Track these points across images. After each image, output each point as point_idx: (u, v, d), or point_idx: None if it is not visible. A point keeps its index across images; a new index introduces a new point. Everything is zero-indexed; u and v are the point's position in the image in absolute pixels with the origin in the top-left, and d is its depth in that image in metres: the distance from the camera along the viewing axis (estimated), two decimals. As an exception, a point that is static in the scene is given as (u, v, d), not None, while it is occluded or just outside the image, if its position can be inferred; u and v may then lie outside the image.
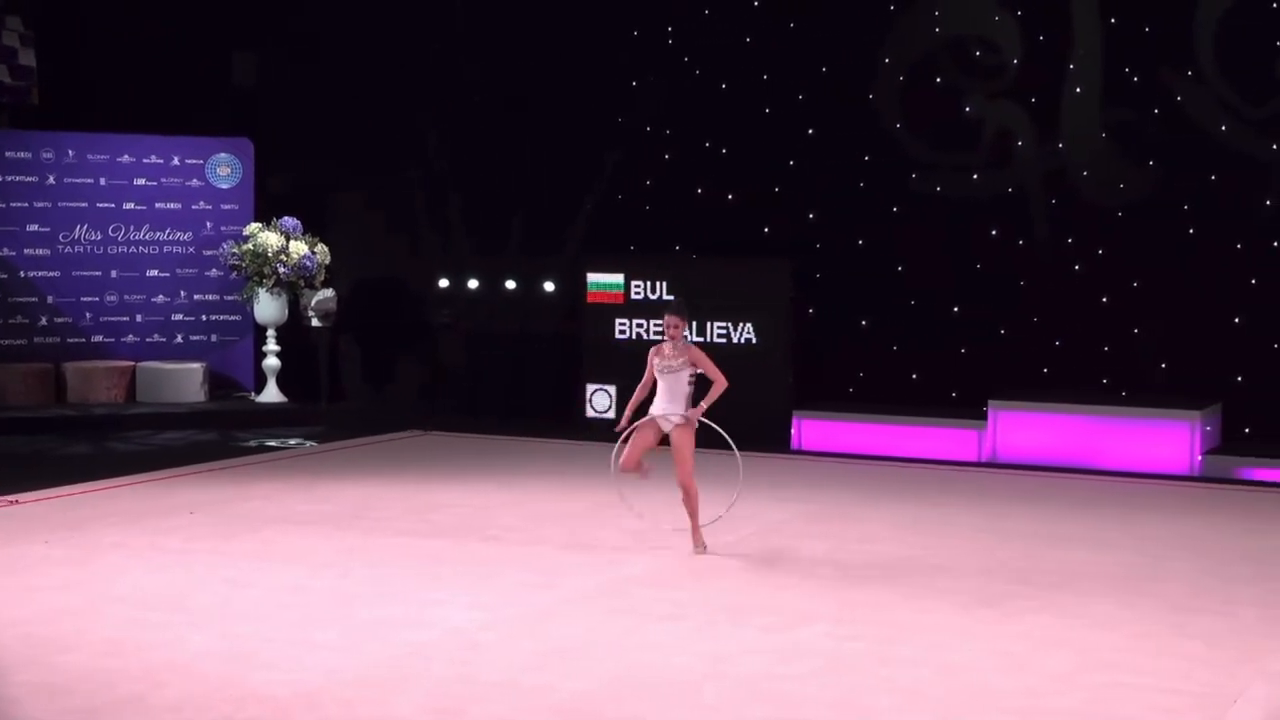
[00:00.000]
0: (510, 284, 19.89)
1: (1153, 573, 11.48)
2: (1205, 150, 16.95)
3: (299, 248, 19.23)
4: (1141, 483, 15.65)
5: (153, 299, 20.20)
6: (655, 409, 11.64)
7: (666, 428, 11.60)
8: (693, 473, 11.58)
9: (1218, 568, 11.67)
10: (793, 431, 17.55)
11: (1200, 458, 16.04)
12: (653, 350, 11.75)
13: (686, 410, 11.59)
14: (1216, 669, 8.97)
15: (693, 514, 11.77)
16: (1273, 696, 8.49)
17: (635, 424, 11.69)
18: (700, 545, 11.76)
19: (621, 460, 11.69)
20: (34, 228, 19.68)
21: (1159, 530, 13.14)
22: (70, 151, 19.87)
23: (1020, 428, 16.72)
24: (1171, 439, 16.13)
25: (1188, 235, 17.04)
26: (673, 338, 11.57)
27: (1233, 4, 16.78)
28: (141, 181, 20.13)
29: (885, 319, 18.30)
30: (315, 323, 19.50)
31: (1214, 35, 16.86)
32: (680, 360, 11.58)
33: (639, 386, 11.81)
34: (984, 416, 16.88)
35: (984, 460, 16.77)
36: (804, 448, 17.47)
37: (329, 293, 19.47)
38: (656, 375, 11.61)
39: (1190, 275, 16.95)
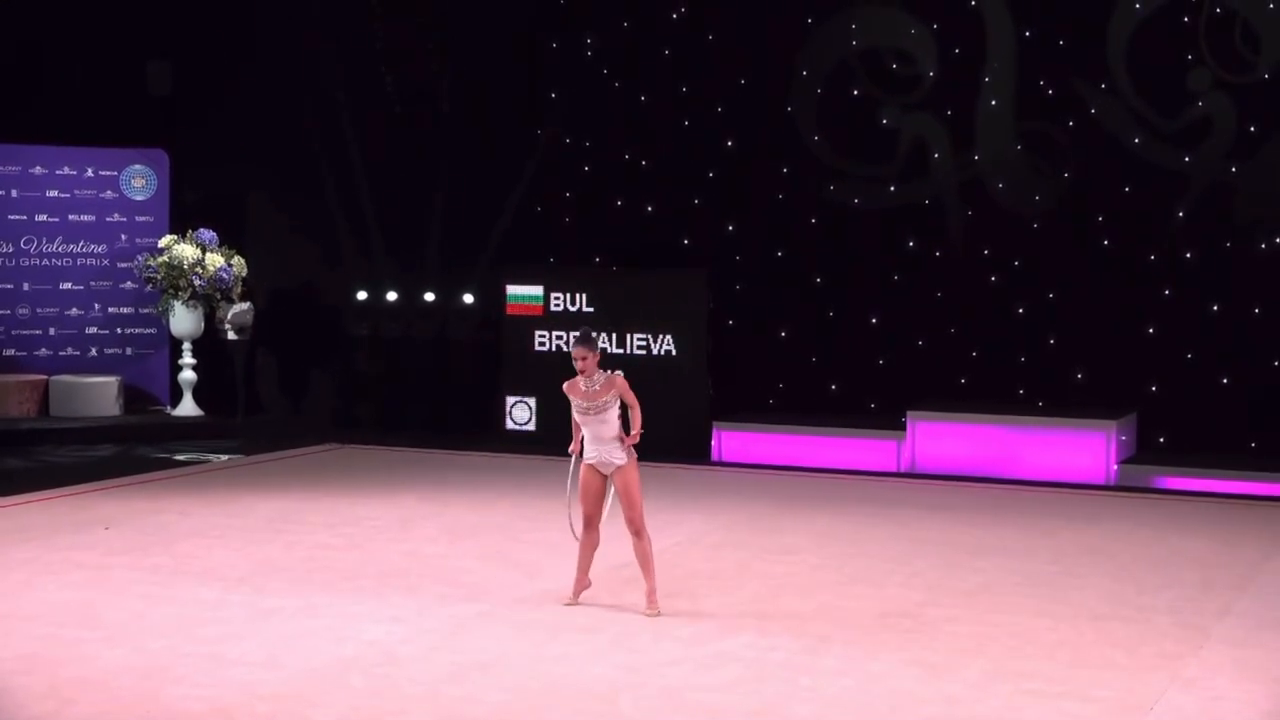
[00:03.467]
0: (429, 296, 19.80)
1: (1069, 581, 11.57)
2: (1119, 161, 17.12)
3: (215, 260, 19.08)
4: (1058, 492, 15.77)
5: (66, 312, 19.96)
6: (590, 456, 10.47)
7: (609, 470, 10.47)
8: (643, 513, 10.48)
9: (1133, 576, 11.78)
10: (712, 443, 17.57)
11: (1116, 467, 16.19)
12: (567, 387, 10.53)
13: (623, 443, 10.52)
14: (1132, 676, 9.06)
15: (649, 568, 10.44)
16: (1188, 703, 8.58)
17: (579, 467, 10.62)
18: (655, 607, 10.36)
19: (585, 517, 10.53)
20: (-56, 240, 19.47)
21: (1075, 539, 13.25)
22: (-19, 163, 19.65)
23: (938, 438, 16.81)
24: (1087, 448, 16.27)
25: (1102, 246, 17.22)
26: (584, 372, 10.38)
27: (1145, 17, 16.97)
28: (54, 193, 19.89)
29: (804, 330, 18.37)
30: (231, 335, 19.36)
31: (1127, 48, 17.05)
32: (604, 398, 10.42)
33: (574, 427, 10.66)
34: (902, 427, 16.97)
35: (903, 470, 16.85)
36: (724, 459, 17.49)
37: (246, 305, 19.34)
38: (579, 418, 10.49)
39: (1105, 285, 17.11)
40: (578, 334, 10.62)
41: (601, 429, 10.40)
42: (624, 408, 10.62)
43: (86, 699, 8.39)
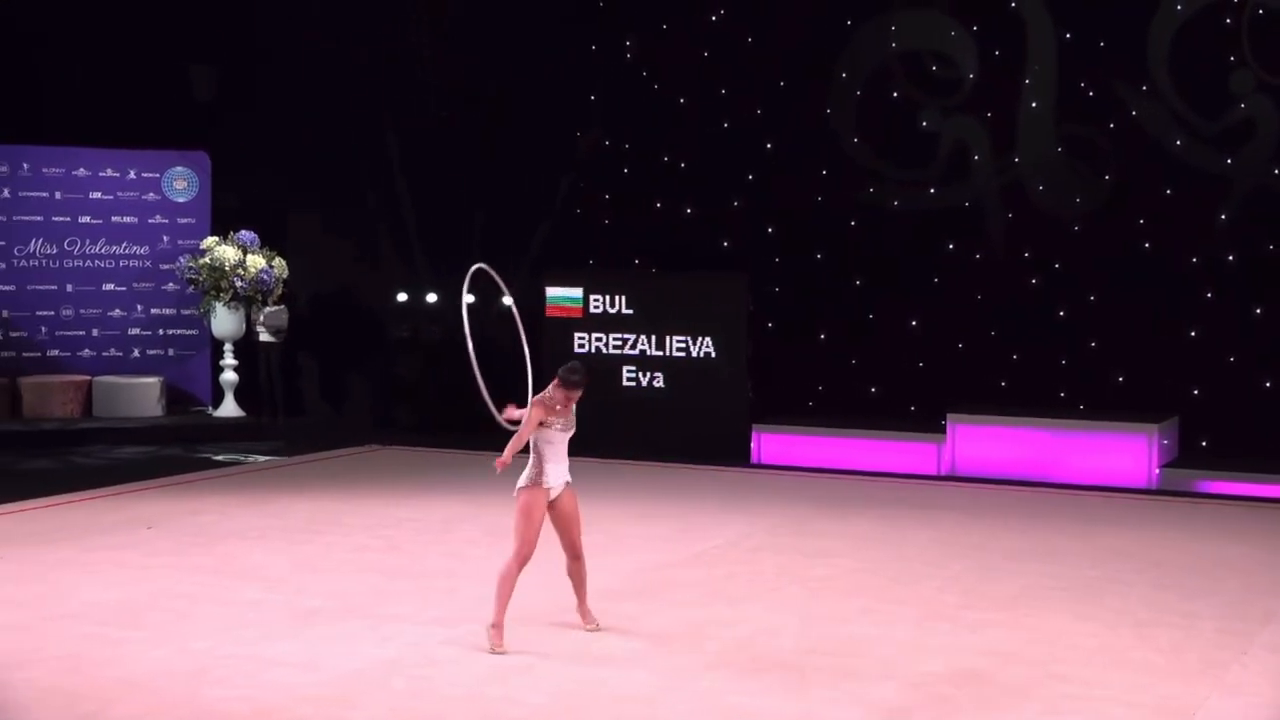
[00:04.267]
0: (469, 298, 19.79)
1: (1110, 586, 11.50)
2: (1160, 164, 17.04)
3: (256, 261, 19.16)
4: (1099, 496, 15.69)
5: (109, 313, 20.09)
6: (558, 479, 9.90)
7: (558, 491, 9.89)
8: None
9: (1176, 580, 11.70)
10: (752, 445, 17.54)
11: (1158, 471, 16.09)
12: (540, 406, 10.06)
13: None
14: (1175, 681, 9.00)
15: (584, 586, 10.06)
16: (1231, 708, 8.52)
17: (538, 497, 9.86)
18: (593, 621, 10.01)
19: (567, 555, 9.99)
20: (-12, 242, 19.61)
21: (1117, 543, 13.18)
22: (25, 165, 19.75)
23: (979, 441, 16.74)
24: (1129, 452, 16.17)
25: (1143, 249, 17.12)
26: (570, 401, 10.04)
27: (1187, 19, 16.87)
28: (97, 195, 20.03)
29: (843, 332, 18.33)
30: (266, 337, 19.43)
31: (1169, 50, 16.96)
32: (568, 419, 10.03)
33: (523, 434, 10.12)
34: (942, 430, 16.90)
35: (943, 474, 16.79)
36: (763, 461, 17.45)
37: (280, 307, 19.41)
38: (554, 435, 9.98)
39: (1146, 288, 17.01)
40: (574, 369, 10.23)
41: (565, 448, 9.97)
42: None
43: (129, 699, 8.43)
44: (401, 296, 20.03)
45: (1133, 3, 17.04)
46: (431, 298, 19.91)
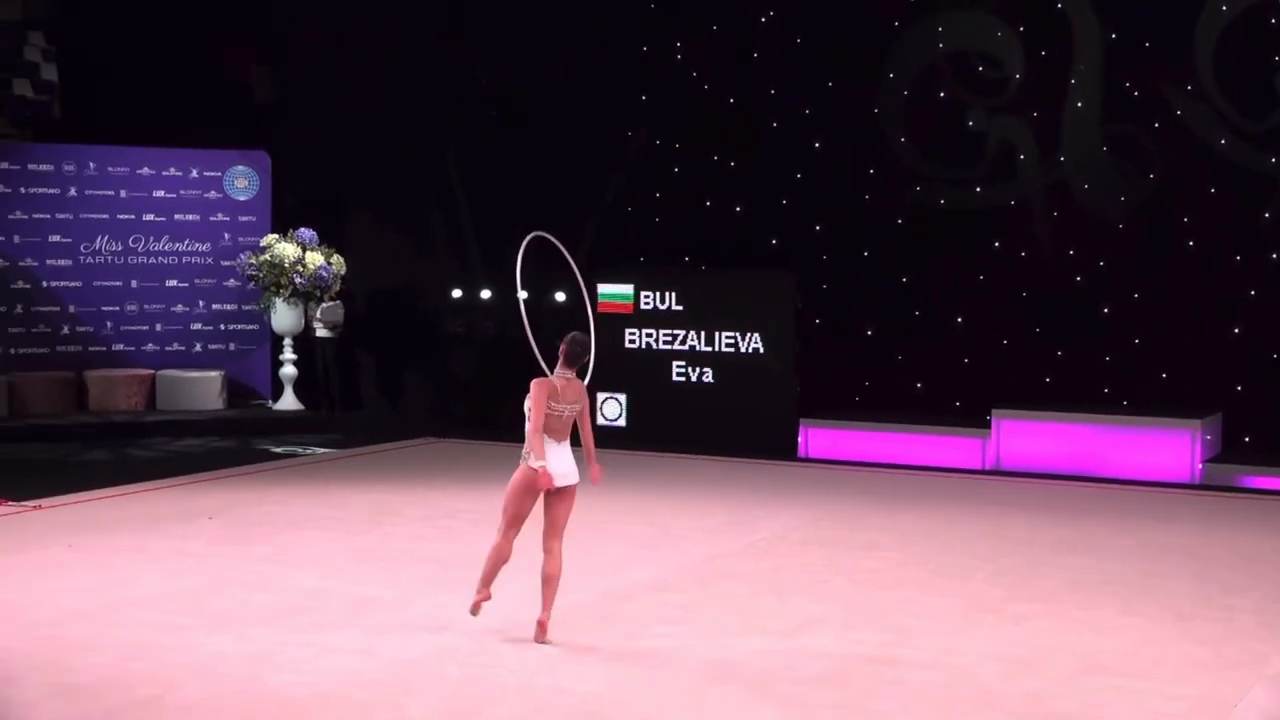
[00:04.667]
0: (523, 295, 19.86)
1: (1154, 579, 11.46)
2: (1204, 163, 16.93)
3: (315, 258, 19.26)
4: (1143, 490, 15.62)
5: (172, 308, 20.23)
6: (556, 465, 9.25)
7: (565, 483, 9.35)
8: None
9: (1218, 574, 11.65)
10: (799, 439, 17.54)
11: (1201, 466, 16.00)
12: (541, 386, 9.40)
13: (583, 464, 9.38)
14: (1217, 673, 8.96)
15: (551, 598, 9.32)
16: (1273, 701, 8.48)
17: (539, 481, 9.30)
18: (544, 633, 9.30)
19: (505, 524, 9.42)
20: (56, 239, 19.71)
21: (1160, 537, 13.12)
22: (91, 164, 19.90)
23: (1023, 436, 16.69)
24: (1172, 447, 16.09)
25: (1187, 247, 17.02)
26: (569, 373, 9.55)
27: (1232, 20, 16.76)
28: (161, 193, 20.16)
29: (890, 329, 18.29)
30: (322, 332, 19.54)
31: (1213, 50, 16.84)
32: (577, 401, 9.41)
33: (538, 428, 9.33)
34: (988, 425, 16.86)
35: (988, 468, 16.74)
36: (810, 455, 17.45)
37: (336, 302, 19.52)
38: (551, 421, 9.35)
39: (1190, 287, 16.92)
40: (579, 340, 9.76)
41: (564, 438, 9.39)
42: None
43: (191, 684, 8.50)
44: (456, 293, 20.11)
45: (1178, 3, 16.93)
46: (485, 294, 19.98)
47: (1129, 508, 14.61)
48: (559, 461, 9.28)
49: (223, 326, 20.44)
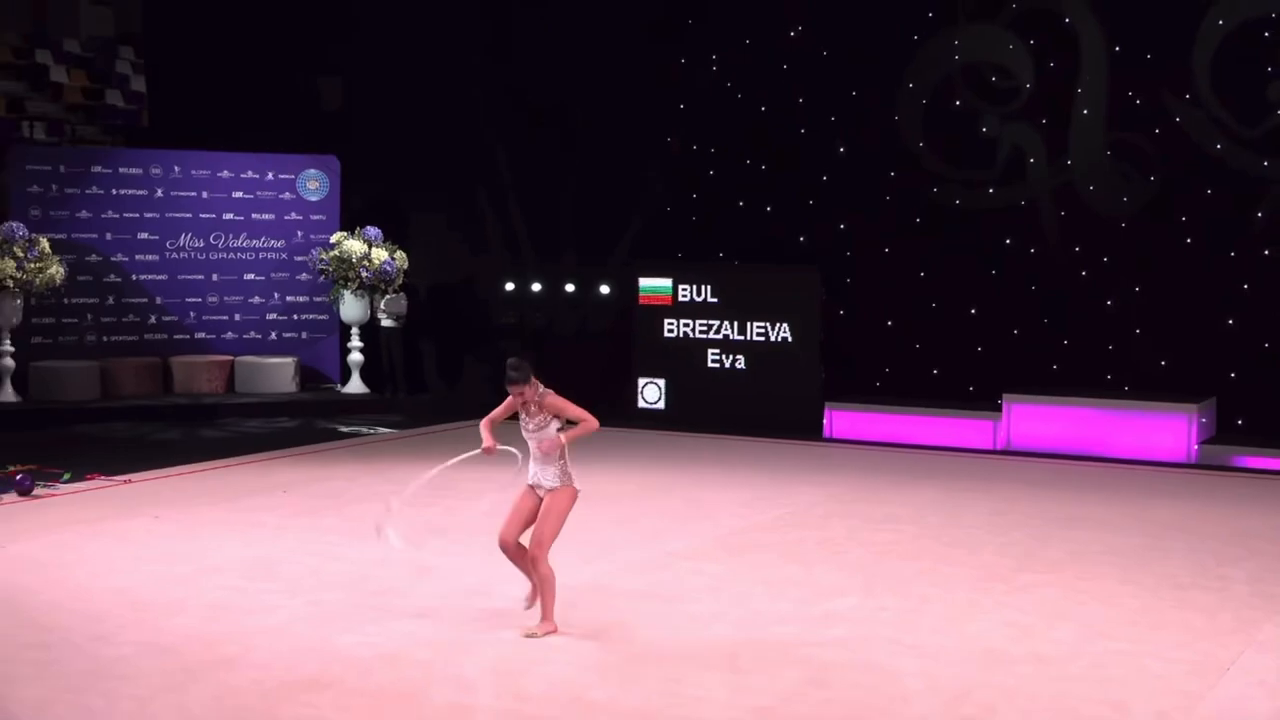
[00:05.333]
0: (569, 287, 19.93)
1: (1152, 552, 11.41)
2: (1201, 167, 16.81)
3: (380, 254, 19.33)
4: (1143, 469, 15.55)
5: (249, 300, 20.33)
6: (530, 475, 9.08)
7: (543, 492, 9.00)
8: (548, 546, 8.81)
9: (1213, 547, 11.59)
10: (824, 421, 17.52)
11: (1197, 447, 15.92)
12: (514, 398, 8.97)
13: (559, 464, 8.97)
14: (1211, 639, 8.93)
15: (549, 592, 8.85)
16: (1263, 664, 8.45)
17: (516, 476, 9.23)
18: (549, 625, 8.81)
19: (500, 535, 9.02)
20: (144, 236, 19.83)
21: (1159, 513, 13.06)
22: (176, 168, 20.01)
23: (1032, 419, 16.63)
24: (1170, 430, 16.01)
25: (1185, 244, 16.92)
26: (526, 400, 8.92)
27: (1228, 33, 16.65)
28: (239, 194, 20.26)
29: (909, 320, 18.24)
30: (387, 322, 19.63)
31: (1211, 61, 16.73)
32: (539, 420, 8.91)
33: (495, 412, 9.23)
34: (998, 408, 16.80)
35: (998, 448, 16.69)
36: (835, 436, 17.42)
37: (400, 295, 19.59)
38: (524, 435, 9.05)
39: (1187, 281, 16.82)
40: (510, 365, 8.92)
41: (543, 444, 8.95)
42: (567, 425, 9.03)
43: (266, 644, 8.56)
44: (508, 286, 20.14)
45: (1178, 18, 16.81)
46: (535, 287, 20.01)
47: (1130, 486, 14.55)
48: (531, 469, 9.03)
49: (295, 316, 20.53)
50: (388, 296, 19.44)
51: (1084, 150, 17.45)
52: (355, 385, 19.81)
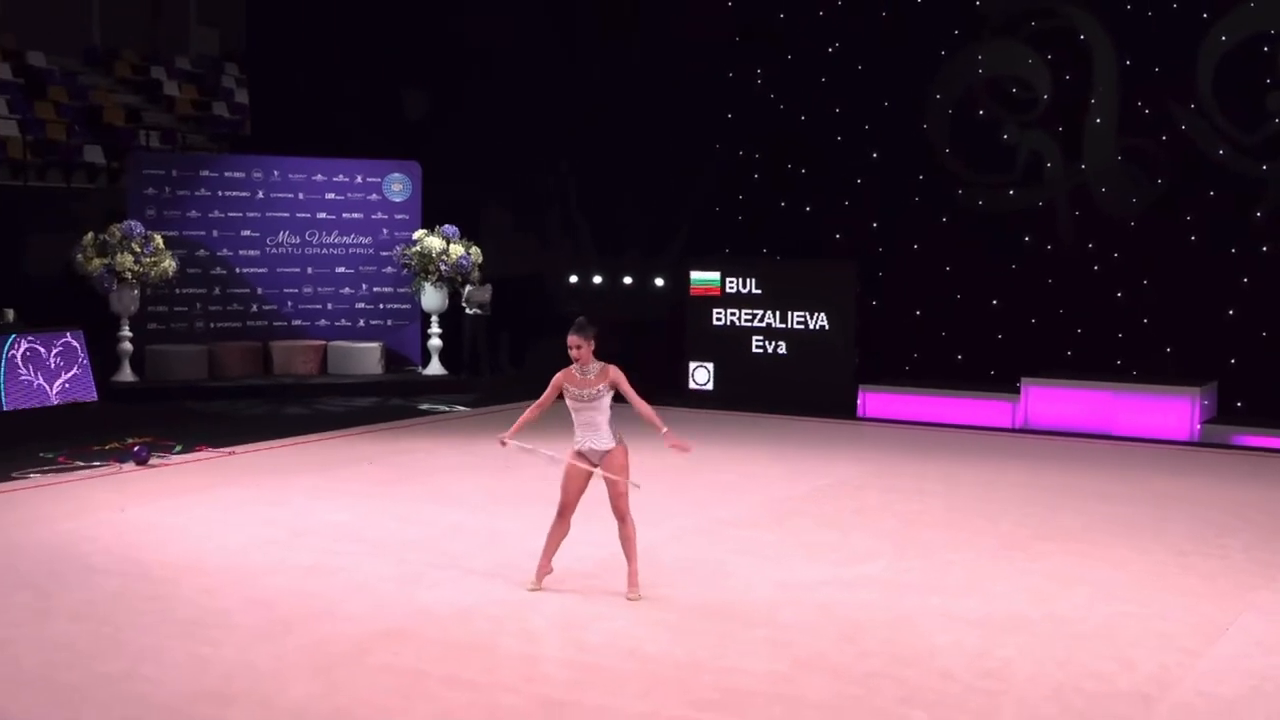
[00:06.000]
0: (627, 280, 19.93)
1: (1158, 522, 11.30)
2: (1204, 170, 16.64)
3: (457, 250, 19.38)
4: (1149, 447, 15.40)
5: (340, 290, 20.43)
6: (579, 442, 8.75)
7: (596, 459, 8.70)
8: (628, 503, 8.69)
9: (1213, 518, 11.47)
10: (858, 402, 17.44)
11: (1199, 426, 15.75)
12: (560, 377, 8.71)
13: (614, 433, 8.73)
14: (1212, 601, 8.84)
15: (632, 554, 8.70)
16: (1259, 624, 8.36)
17: (568, 462, 8.84)
18: (635, 591, 8.63)
19: (560, 506, 8.83)
20: (246, 233, 19.97)
21: (1163, 487, 12.94)
22: (275, 172, 20.12)
23: (1047, 400, 16.50)
24: (1175, 411, 15.85)
25: (1190, 241, 16.75)
26: (578, 360, 8.64)
27: (1229, 48, 16.45)
28: (331, 196, 20.36)
29: (935, 310, 18.14)
30: (472, 311, 19.68)
31: (1213, 73, 16.54)
32: (597, 388, 8.60)
33: (534, 406, 8.86)
34: (1017, 391, 16.68)
35: (1017, 427, 16.57)
36: (867, 415, 17.35)
37: (486, 286, 19.64)
38: (571, 409, 8.68)
39: (1191, 275, 16.65)
40: (577, 321, 8.68)
41: (595, 416, 8.63)
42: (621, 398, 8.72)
43: (355, 599, 8.62)
44: (572, 278, 20.15)
45: (1184, 33, 16.63)
46: (596, 280, 20.02)
47: (1137, 462, 14.42)
48: (579, 439, 8.73)
49: (381, 306, 20.62)
50: (470, 288, 19.48)
51: (1096, 155, 17.29)
52: (434, 368, 19.88)
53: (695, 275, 18.58)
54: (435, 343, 19.90)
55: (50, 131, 22.37)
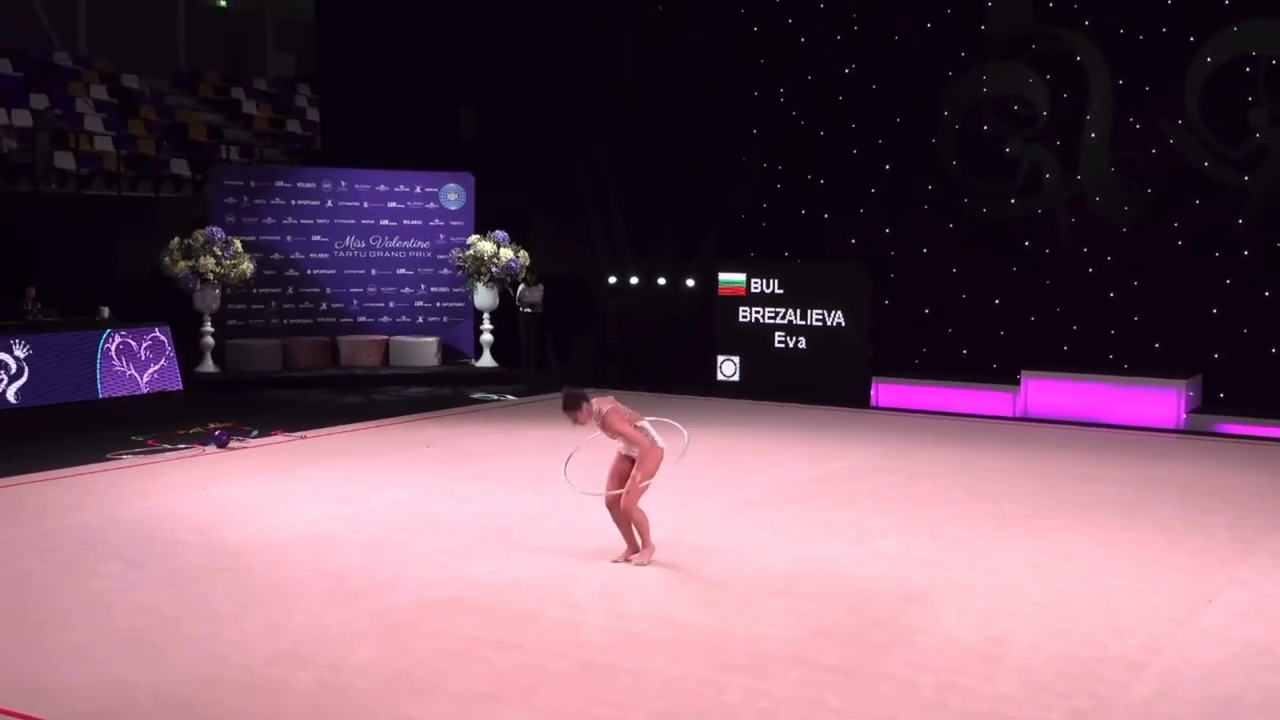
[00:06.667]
0: (661, 281, 19.90)
1: (1147, 503, 11.22)
2: (1191, 181, 16.47)
3: (506, 253, 19.41)
4: (1139, 434, 15.29)
5: (401, 290, 20.49)
6: (624, 447, 8.93)
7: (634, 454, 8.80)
8: (638, 497, 8.73)
9: (1198, 500, 11.38)
10: (871, 392, 17.38)
11: (1185, 415, 15.62)
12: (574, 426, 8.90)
13: (646, 444, 8.72)
14: (1197, 576, 8.78)
15: (644, 529, 8.80)
16: (1240, 597, 8.30)
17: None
18: (646, 555, 8.78)
19: (607, 497, 8.83)
20: (317, 238, 20.04)
21: (1152, 470, 12.84)
22: (342, 182, 20.19)
23: (1045, 391, 16.40)
24: (1163, 401, 15.73)
25: (1177, 246, 16.59)
26: (579, 425, 8.82)
27: (1215, 69, 16.28)
28: (393, 204, 20.41)
29: (942, 308, 18.04)
30: (525, 309, 19.70)
31: (1200, 92, 16.38)
32: (603, 433, 8.86)
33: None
34: (1017, 383, 16.58)
35: (1017, 416, 16.48)
36: (880, 405, 17.28)
37: (539, 287, 19.64)
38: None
39: (1178, 277, 16.50)
40: (562, 397, 8.78)
41: (619, 445, 8.88)
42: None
43: (414, 571, 8.65)
44: (611, 279, 20.15)
45: (1173, 55, 16.47)
46: (633, 280, 20.00)
47: (1128, 448, 14.31)
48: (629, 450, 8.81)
49: (438, 304, 20.67)
50: (523, 288, 19.51)
51: (1091, 167, 17.15)
52: (486, 360, 19.93)
53: (723, 276, 18.53)
54: (487, 338, 19.95)
55: (141, 147, 22.54)
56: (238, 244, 18.37)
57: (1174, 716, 6.26)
